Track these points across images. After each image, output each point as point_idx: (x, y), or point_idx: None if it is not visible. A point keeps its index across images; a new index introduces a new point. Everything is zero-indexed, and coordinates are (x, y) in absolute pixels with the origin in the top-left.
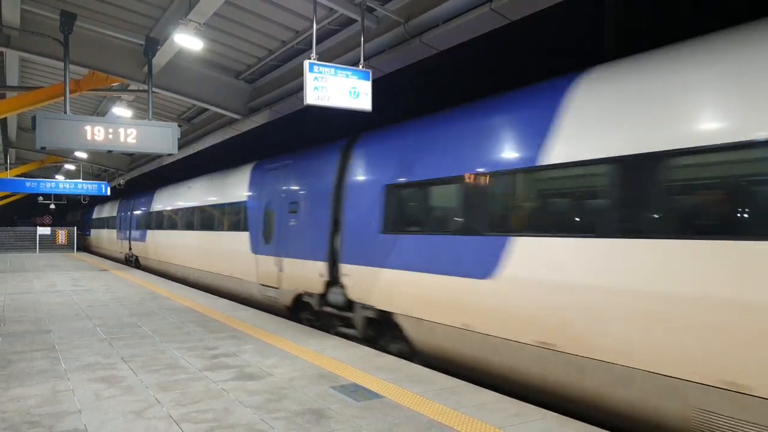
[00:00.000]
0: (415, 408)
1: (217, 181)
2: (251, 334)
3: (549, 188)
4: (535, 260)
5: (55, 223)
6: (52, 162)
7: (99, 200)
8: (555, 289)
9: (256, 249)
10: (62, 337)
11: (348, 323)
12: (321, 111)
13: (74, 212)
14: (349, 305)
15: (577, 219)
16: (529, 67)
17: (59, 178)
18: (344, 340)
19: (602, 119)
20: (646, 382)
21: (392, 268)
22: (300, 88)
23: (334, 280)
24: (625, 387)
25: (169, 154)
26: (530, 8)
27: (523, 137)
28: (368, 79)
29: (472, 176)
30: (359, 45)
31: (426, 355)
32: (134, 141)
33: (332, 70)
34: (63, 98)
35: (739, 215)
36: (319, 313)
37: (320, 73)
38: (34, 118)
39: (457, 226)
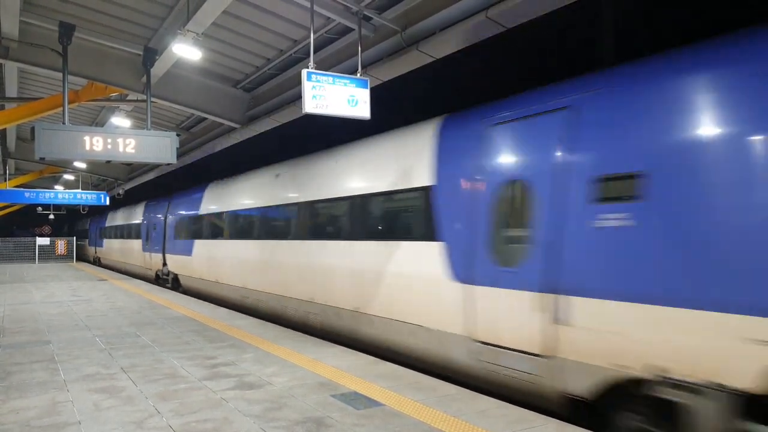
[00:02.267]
0: (416, 416)
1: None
2: (251, 343)
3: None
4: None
5: (54, 233)
6: (50, 172)
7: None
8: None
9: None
10: (62, 347)
11: None
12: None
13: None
14: None
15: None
16: (525, 73)
17: (58, 188)
18: (344, 348)
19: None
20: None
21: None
22: (298, 97)
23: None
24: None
25: (168, 164)
26: (526, 16)
27: (195, 205)
28: (366, 87)
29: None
30: (357, 53)
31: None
32: (133, 151)
33: (330, 78)
34: (62, 109)
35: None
36: None
37: (318, 81)
38: (33, 129)
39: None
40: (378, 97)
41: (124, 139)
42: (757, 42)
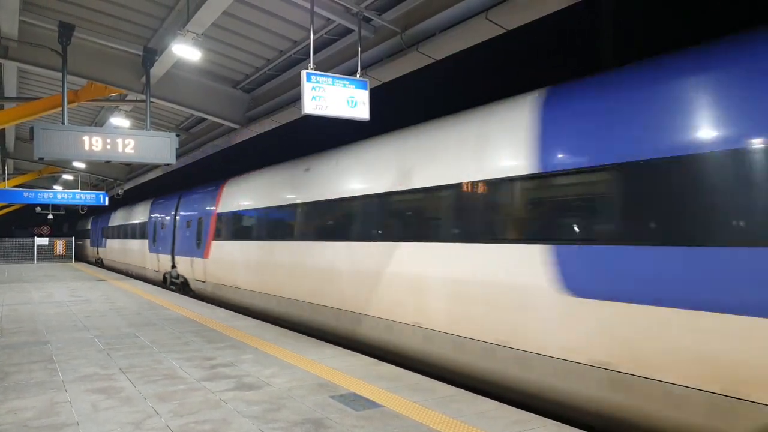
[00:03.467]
0: (415, 417)
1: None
2: (250, 344)
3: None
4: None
5: (53, 233)
6: (50, 172)
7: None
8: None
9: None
10: (60, 348)
11: None
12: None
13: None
14: None
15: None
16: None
17: (57, 188)
18: (343, 350)
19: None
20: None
21: None
22: (298, 98)
23: None
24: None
25: (167, 164)
26: (526, 18)
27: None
28: (366, 89)
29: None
30: (356, 54)
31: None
32: (132, 151)
33: (330, 79)
34: (61, 109)
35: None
36: None
37: (318, 82)
38: (32, 129)
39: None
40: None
41: (123, 139)
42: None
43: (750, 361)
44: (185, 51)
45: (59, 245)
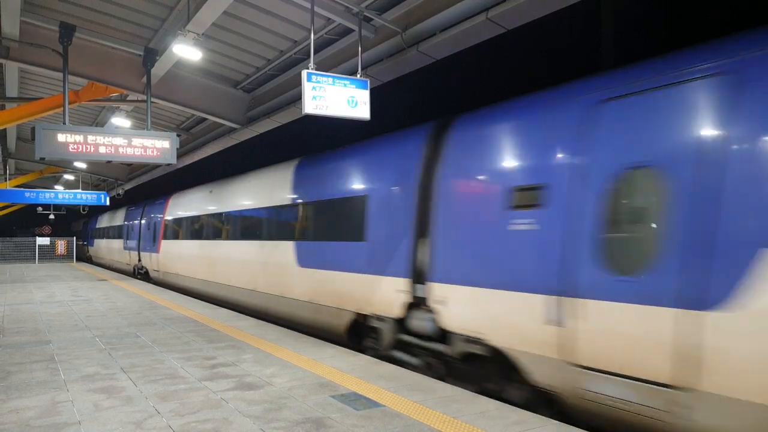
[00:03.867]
0: (416, 417)
1: None
2: (250, 344)
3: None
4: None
5: (54, 233)
6: (51, 172)
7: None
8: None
9: None
10: (61, 347)
11: None
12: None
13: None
14: None
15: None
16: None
17: (58, 188)
18: (344, 349)
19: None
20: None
21: None
22: (299, 98)
23: None
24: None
25: (168, 164)
26: (526, 17)
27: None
28: (366, 88)
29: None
30: (357, 54)
31: None
32: (133, 151)
33: (330, 79)
34: (62, 109)
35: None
36: None
37: (318, 82)
38: (33, 129)
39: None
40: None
41: (124, 139)
42: None
43: (347, 292)
44: (186, 51)
45: (60, 245)
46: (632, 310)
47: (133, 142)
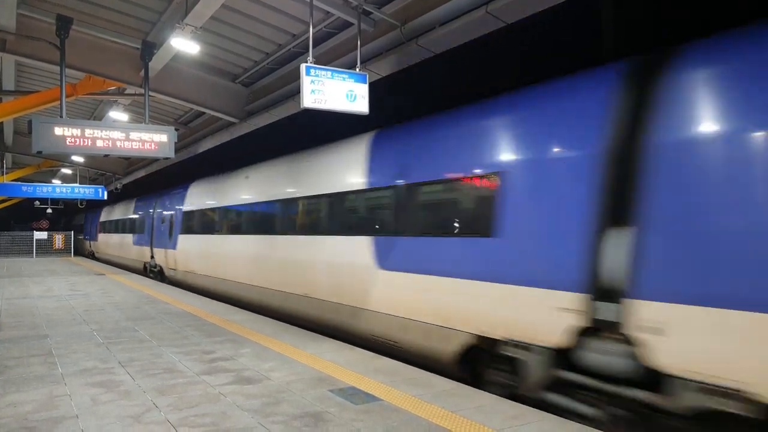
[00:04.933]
0: (414, 411)
1: None
2: (249, 338)
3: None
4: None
5: (52, 227)
6: (48, 166)
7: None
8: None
9: None
10: (59, 341)
11: None
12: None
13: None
14: None
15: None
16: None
17: (56, 182)
18: (342, 344)
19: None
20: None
21: None
22: (297, 92)
23: None
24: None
25: (166, 158)
26: (526, 11)
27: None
28: (365, 82)
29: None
30: (356, 48)
31: None
32: (131, 145)
33: (329, 73)
34: (59, 102)
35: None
36: None
37: (317, 76)
38: (30, 123)
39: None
40: None
41: (121, 133)
42: None
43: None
44: (184, 44)
45: (58, 239)
46: None
47: (131, 135)
